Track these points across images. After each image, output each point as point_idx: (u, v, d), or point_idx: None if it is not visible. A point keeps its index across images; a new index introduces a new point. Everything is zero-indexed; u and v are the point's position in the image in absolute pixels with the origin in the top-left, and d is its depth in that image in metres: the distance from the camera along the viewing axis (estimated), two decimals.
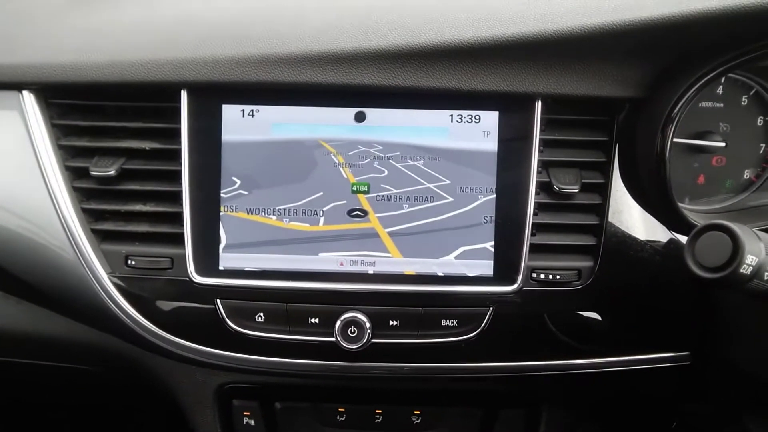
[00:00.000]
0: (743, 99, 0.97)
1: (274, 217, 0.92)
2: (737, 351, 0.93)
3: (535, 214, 0.91)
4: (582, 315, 0.94)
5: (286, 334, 0.92)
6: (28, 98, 0.93)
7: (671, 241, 0.93)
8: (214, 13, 0.93)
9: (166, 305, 0.94)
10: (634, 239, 0.93)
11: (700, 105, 0.96)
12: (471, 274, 0.91)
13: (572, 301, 0.93)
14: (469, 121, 0.90)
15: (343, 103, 0.91)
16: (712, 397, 1.08)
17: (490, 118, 0.90)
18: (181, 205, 0.91)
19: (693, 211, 0.95)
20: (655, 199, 0.91)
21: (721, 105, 0.97)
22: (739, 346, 0.92)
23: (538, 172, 0.90)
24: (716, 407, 1.11)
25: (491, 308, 0.91)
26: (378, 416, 1.05)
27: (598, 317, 0.94)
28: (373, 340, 0.90)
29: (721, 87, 0.96)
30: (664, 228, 0.93)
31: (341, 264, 0.92)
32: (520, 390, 1.04)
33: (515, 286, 0.91)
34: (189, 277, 0.92)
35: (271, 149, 0.91)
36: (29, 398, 1.33)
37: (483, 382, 1.01)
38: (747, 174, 0.99)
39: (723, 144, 0.95)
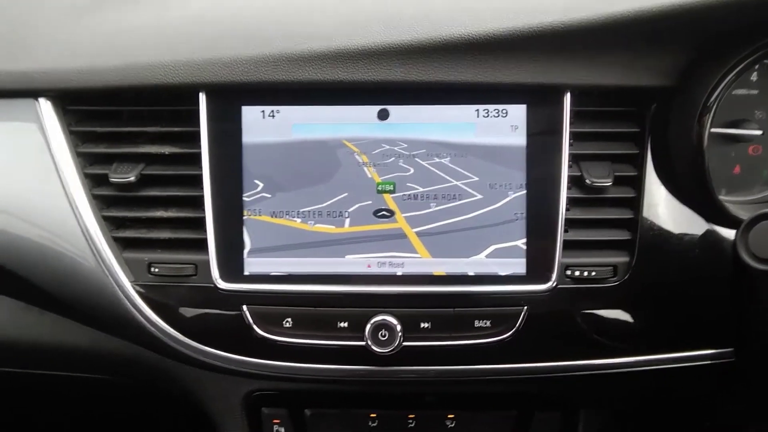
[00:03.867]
0: None
1: (299, 220, 0.90)
2: None
3: (567, 209, 0.88)
4: (619, 312, 0.91)
5: (314, 340, 0.90)
6: (45, 105, 0.91)
7: (710, 233, 0.90)
8: (231, 12, 0.91)
9: (191, 312, 0.92)
10: (671, 233, 0.90)
11: (734, 92, 0.92)
12: (503, 273, 0.89)
13: (609, 298, 0.90)
14: (496, 115, 0.88)
15: (366, 100, 0.88)
16: (754, 394, 1.04)
17: (518, 112, 0.88)
18: (204, 210, 0.89)
19: (731, 202, 0.92)
20: (693, 191, 0.88)
21: (755, 92, 0.93)
22: None
23: (569, 166, 0.88)
24: (757, 405, 1.08)
25: (525, 307, 0.88)
26: (411, 421, 1.02)
27: (636, 314, 0.91)
28: (405, 344, 0.88)
29: (755, 73, 0.93)
30: (702, 220, 0.90)
31: (369, 266, 0.90)
32: (557, 391, 1.01)
33: (549, 284, 0.88)
34: (214, 284, 0.90)
35: (293, 150, 0.89)
36: (48, 409, 1.32)
37: (518, 384, 0.98)
38: None
39: (759, 132, 0.92)
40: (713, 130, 0.88)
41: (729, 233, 0.89)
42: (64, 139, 0.92)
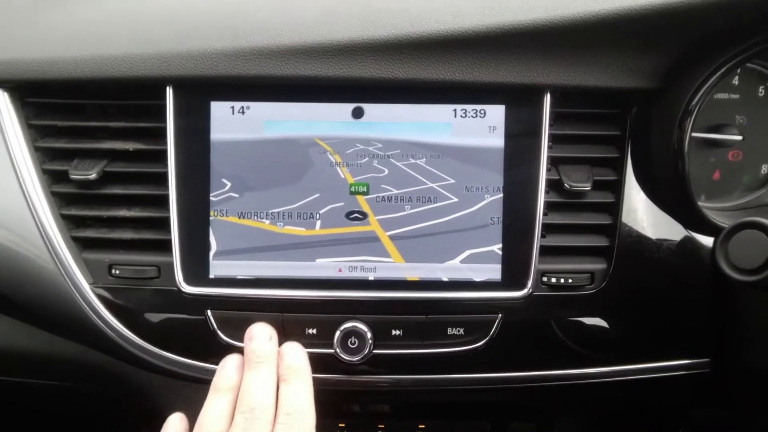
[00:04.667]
0: (760, 90, 0.92)
1: (268, 221, 0.86)
2: (759, 355, 0.88)
3: (544, 214, 0.85)
4: (596, 320, 0.88)
5: None
6: (2, 97, 0.87)
7: (689, 240, 0.88)
8: (201, 5, 0.88)
9: (154, 317, 0.88)
10: (650, 239, 0.88)
11: (715, 96, 0.91)
12: (478, 279, 0.86)
13: (585, 305, 0.88)
14: (474, 115, 0.85)
15: (340, 98, 0.85)
16: (731, 404, 1.03)
17: (496, 113, 0.85)
18: (168, 209, 0.86)
19: (710, 209, 0.90)
20: (672, 196, 0.86)
21: (737, 96, 0.92)
22: (761, 351, 0.88)
23: (548, 170, 0.85)
24: (734, 413, 1.06)
25: (500, 315, 0.86)
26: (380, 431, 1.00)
27: (613, 323, 0.89)
28: (375, 351, 0.85)
29: (737, 77, 0.91)
30: (681, 227, 0.88)
31: (340, 270, 0.86)
32: (532, 401, 0.99)
33: (525, 291, 0.86)
34: (177, 287, 0.86)
35: (263, 148, 0.86)
36: (6, 416, 1.27)
37: (492, 394, 0.95)
38: (765, 169, 0.95)
39: (740, 137, 0.91)
40: (694, 134, 0.86)
41: (708, 240, 0.88)
42: (21, 133, 0.88)
